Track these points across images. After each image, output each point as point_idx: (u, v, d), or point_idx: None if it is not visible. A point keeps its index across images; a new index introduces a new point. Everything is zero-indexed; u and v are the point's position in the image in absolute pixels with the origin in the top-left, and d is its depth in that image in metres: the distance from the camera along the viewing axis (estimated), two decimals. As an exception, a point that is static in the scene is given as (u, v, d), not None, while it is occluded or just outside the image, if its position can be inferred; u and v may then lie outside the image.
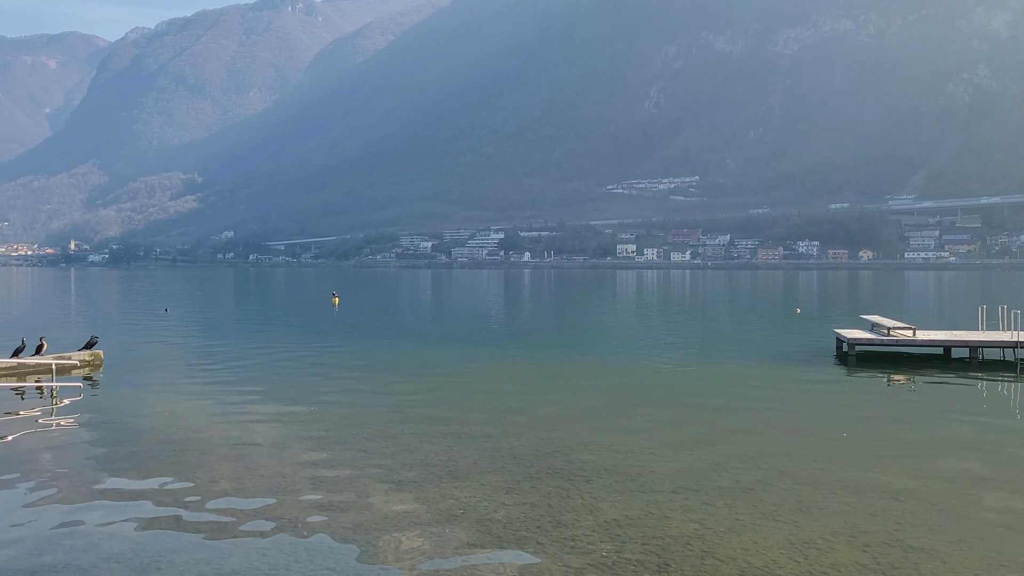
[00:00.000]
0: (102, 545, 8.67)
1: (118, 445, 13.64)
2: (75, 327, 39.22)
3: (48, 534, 9.08)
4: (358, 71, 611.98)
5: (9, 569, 8.01)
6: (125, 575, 7.87)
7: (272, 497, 10.49)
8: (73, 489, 10.93)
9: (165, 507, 10.09)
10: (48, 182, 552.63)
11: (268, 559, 8.33)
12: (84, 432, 14.80)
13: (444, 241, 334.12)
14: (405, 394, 19.37)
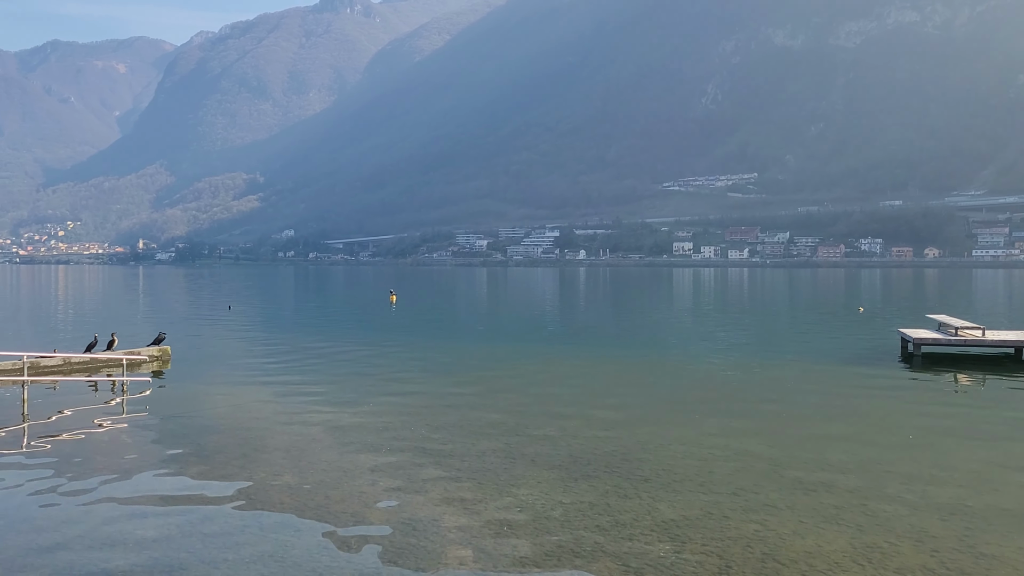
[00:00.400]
0: (172, 534, 8.95)
1: (185, 438, 14.05)
2: (143, 323, 40.47)
3: (120, 522, 9.41)
4: (415, 71, 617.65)
5: (80, 562, 8.32)
6: (194, 567, 8.10)
7: (333, 491, 10.69)
8: (143, 480, 11.30)
9: (230, 500, 10.37)
10: (118, 183, 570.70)
11: (329, 552, 8.50)
12: (153, 425, 15.29)
13: (499, 239, 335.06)
14: (462, 392, 19.52)
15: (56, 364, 20.82)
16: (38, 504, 10.14)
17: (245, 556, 8.37)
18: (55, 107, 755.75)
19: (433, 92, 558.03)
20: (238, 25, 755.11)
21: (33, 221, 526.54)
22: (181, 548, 8.56)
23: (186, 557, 8.29)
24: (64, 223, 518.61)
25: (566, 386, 20.62)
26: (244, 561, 8.24)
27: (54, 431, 14.60)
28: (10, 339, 32.71)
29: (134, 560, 8.23)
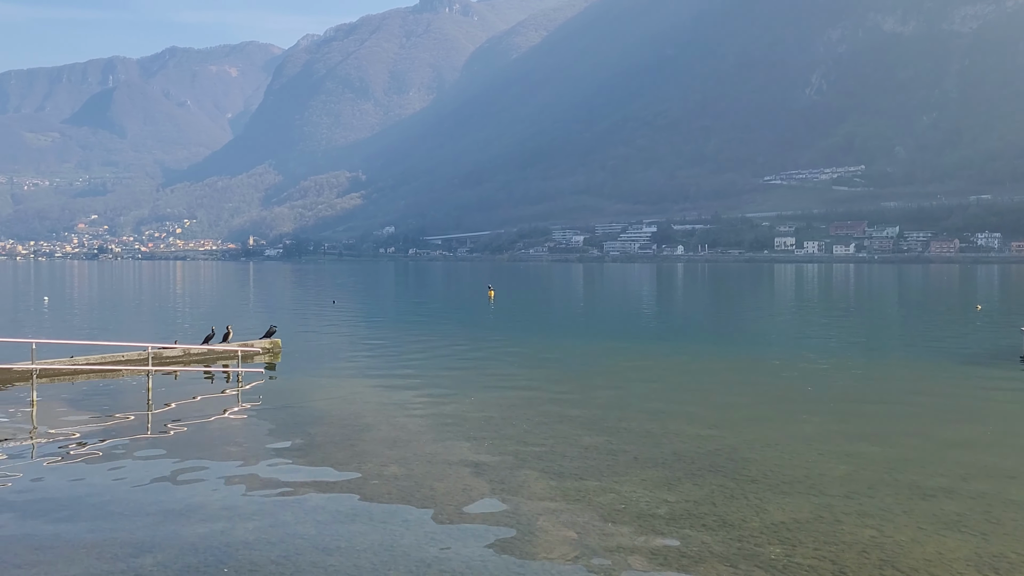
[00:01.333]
0: (287, 522, 9.30)
1: (296, 428, 14.58)
2: (254, 317, 42.20)
3: (238, 507, 9.85)
4: (512, 68, 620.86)
5: (203, 542, 8.74)
6: (309, 552, 8.39)
7: (438, 483, 10.89)
8: (258, 467, 11.79)
9: (341, 489, 10.69)
10: (230, 182, 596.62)
11: (436, 542, 8.65)
12: (266, 415, 15.93)
13: (596, 235, 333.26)
14: (562, 387, 19.54)
15: (176, 355, 21.97)
16: (162, 487, 10.71)
17: (357, 544, 8.61)
18: (173, 111, 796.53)
19: (530, 88, 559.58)
20: (342, 27, 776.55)
21: (153, 219, 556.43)
22: (296, 534, 8.89)
23: (301, 543, 8.60)
24: (181, 221, 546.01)
25: (667, 383, 20.36)
26: (356, 549, 8.48)
27: (175, 418, 15.41)
28: (136, 331, 34.74)
29: (252, 543, 8.59)
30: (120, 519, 9.32)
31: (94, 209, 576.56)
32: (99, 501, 10.02)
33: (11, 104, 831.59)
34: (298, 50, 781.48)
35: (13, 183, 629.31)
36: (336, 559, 8.18)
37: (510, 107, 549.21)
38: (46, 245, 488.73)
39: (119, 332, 33.83)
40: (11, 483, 10.75)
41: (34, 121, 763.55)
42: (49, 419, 14.91)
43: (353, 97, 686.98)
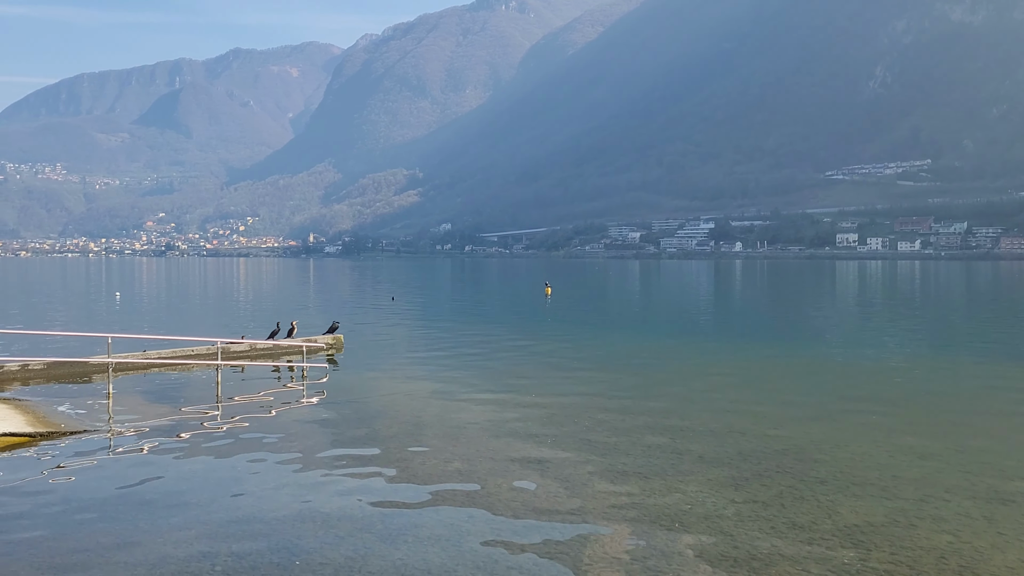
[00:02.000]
0: (354, 516, 9.43)
1: (360, 422, 14.79)
2: (315, 313, 42.94)
3: (306, 499, 10.03)
4: (568, 64, 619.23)
5: (274, 533, 8.93)
6: (373, 544, 8.50)
7: (501, 479, 10.92)
8: (324, 461, 11.99)
9: (405, 482, 10.80)
10: (291, 180, 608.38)
11: (499, 539, 8.68)
12: (330, 409, 16.20)
13: (653, 231, 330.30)
14: (623, 384, 19.43)
15: (243, 350, 22.48)
16: (232, 479, 10.97)
17: (422, 537, 8.70)
18: (236, 111, 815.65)
19: (586, 84, 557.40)
20: (399, 26, 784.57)
21: (218, 217, 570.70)
22: (363, 527, 9.01)
23: (368, 537, 8.71)
24: (244, 219, 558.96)
25: (729, 381, 20.07)
26: (421, 542, 8.57)
27: (243, 412, 15.77)
28: (203, 326, 35.68)
29: (320, 535, 8.74)
30: (193, 510, 9.58)
31: (162, 207, 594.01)
32: (173, 491, 10.32)
33: (83, 106, 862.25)
34: (357, 50, 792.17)
35: (85, 182, 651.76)
36: (403, 553, 8.27)
37: (566, 103, 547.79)
38: (116, 242, 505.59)
39: (187, 327, 34.79)
40: (90, 474, 11.14)
41: (105, 122, 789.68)
42: (125, 411, 15.41)
43: (410, 95, 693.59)
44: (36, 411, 14.26)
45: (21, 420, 13.16)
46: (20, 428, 12.49)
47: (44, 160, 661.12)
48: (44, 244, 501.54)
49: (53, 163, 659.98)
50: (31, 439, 12.24)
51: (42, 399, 16.25)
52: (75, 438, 12.80)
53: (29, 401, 15.65)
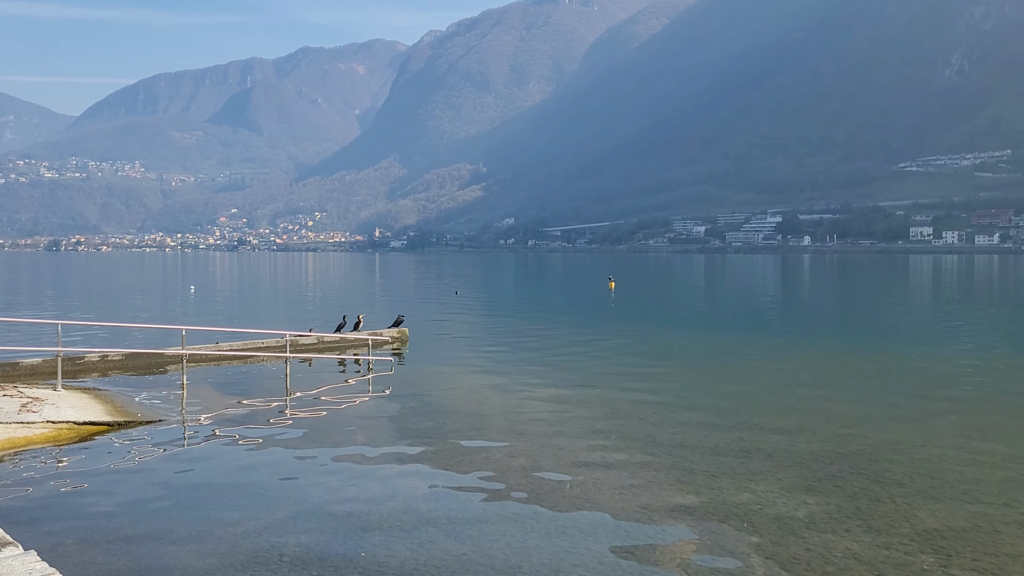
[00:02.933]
0: (419, 510, 9.45)
1: (425, 416, 14.87)
2: (380, 306, 43.48)
3: (370, 493, 10.10)
4: (632, 57, 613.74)
5: (340, 526, 9.01)
6: (438, 538, 8.50)
7: (566, 477, 10.82)
8: (390, 454, 12.08)
9: (470, 478, 10.79)
10: (358, 176, 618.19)
11: (566, 538, 8.59)
12: (395, 402, 16.34)
13: (718, 225, 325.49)
14: (688, 381, 19.13)
15: (311, 342, 22.88)
16: (300, 471, 11.14)
17: (487, 533, 8.67)
18: (305, 108, 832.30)
19: (650, 77, 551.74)
20: (463, 22, 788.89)
21: (287, 212, 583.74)
22: (427, 521, 9.03)
23: (432, 531, 8.72)
24: (312, 214, 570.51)
25: (798, 378, 19.56)
26: (486, 537, 8.54)
27: (311, 404, 16.04)
28: (273, 319, 36.49)
29: (385, 529, 8.80)
30: (262, 500, 9.75)
31: (234, 203, 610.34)
32: (242, 481, 10.52)
33: (160, 105, 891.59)
34: (422, 46, 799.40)
35: (162, 179, 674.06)
36: (468, 548, 8.25)
37: (630, 96, 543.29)
38: (191, 237, 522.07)
39: (257, 320, 35.63)
40: (163, 462, 11.45)
41: (180, 121, 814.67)
42: (197, 401, 15.83)
43: (474, 91, 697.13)
44: (114, 400, 14.74)
45: (100, 409, 13.62)
46: (99, 417, 12.92)
47: (124, 158, 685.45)
48: (124, 239, 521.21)
49: (132, 161, 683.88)
50: (109, 427, 12.65)
51: (120, 389, 16.80)
52: (150, 427, 13.19)
53: (108, 391, 16.19)
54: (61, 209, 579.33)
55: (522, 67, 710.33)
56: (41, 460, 11.18)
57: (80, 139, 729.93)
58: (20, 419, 11.97)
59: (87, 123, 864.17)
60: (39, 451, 11.54)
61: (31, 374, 17.70)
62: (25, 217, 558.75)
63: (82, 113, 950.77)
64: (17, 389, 14.19)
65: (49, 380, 16.35)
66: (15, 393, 13.68)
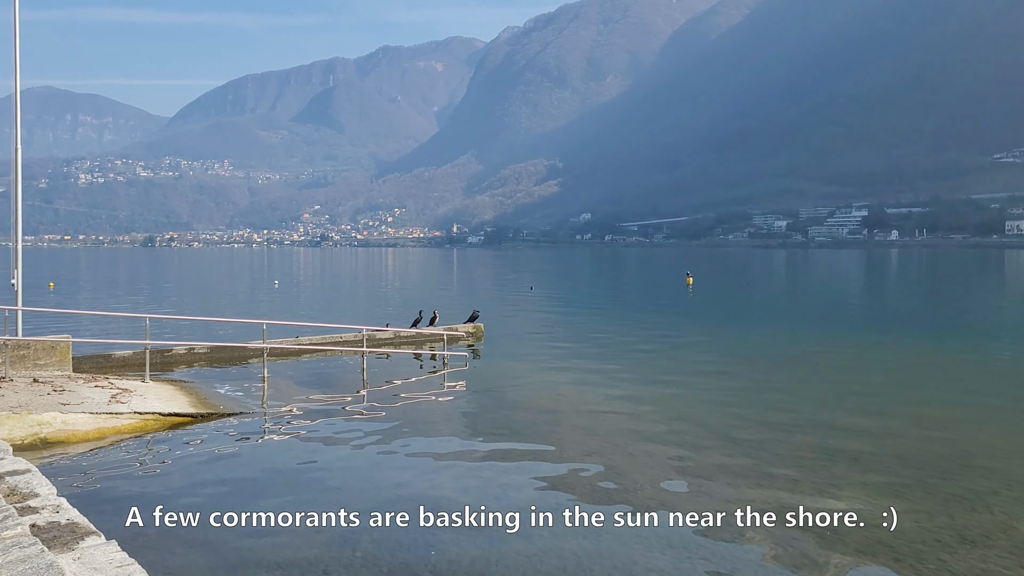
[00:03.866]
0: (493, 508, 9.36)
1: (500, 413, 14.84)
2: (457, 301, 43.78)
3: (441, 490, 10.10)
4: (711, 48, 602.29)
5: (409, 518, 8.97)
6: (509, 538, 8.39)
7: (642, 476, 10.62)
8: (462, 451, 12.05)
9: (543, 477, 10.68)
10: (435, 172, 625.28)
11: (641, 541, 8.41)
12: (471, 398, 16.37)
13: (800, 219, 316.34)
14: (768, 380, 18.61)
15: (388, 337, 23.16)
16: (376, 465, 11.23)
17: (559, 533, 8.50)
18: (385, 106, 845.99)
19: (730, 69, 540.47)
20: (541, 18, 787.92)
21: (367, 209, 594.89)
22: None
23: (503, 531, 8.62)
24: (392, 210, 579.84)
25: (884, 379, 18.78)
26: (558, 538, 8.40)
27: (388, 398, 16.19)
28: (352, 313, 37.16)
29: (460, 528, 8.72)
30: (336, 493, 9.86)
31: (317, 200, 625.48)
32: (319, 474, 10.68)
33: (247, 106, 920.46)
34: (499, 42, 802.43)
35: (250, 177, 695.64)
36: (539, 548, 8.16)
37: (709, 89, 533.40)
38: (277, 233, 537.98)
39: (337, 314, 36.33)
40: (243, 454, 11.72)
41: (266, 120, 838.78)
42: (278, 394, 16.17)
43: (551, 86, 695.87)
44: (198, 392, 15.18)
45: (185, 401, 14.04)
46: (184, 408, 13.32)
47: (213, 157, 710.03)
48: (213, 235, 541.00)
49: (221, 160, 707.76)
50: (193, 419, 13.04)
51: (204, 381, 17.32)
52: (232, 419, 13.53)
53: (193, 383, 16.71)
54: (155, 207, 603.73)
55: (599, 61, 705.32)
56: (127, 450, 11.59)
57: (173, 139, 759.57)
58: (109, 410, 12.43)
59: (179, 124, 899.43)
60: (126, 441, 11.97)
61: (122, 366, 18.42)
62: (123, 214, 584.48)
63: (175, 114, 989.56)
64: (108, 380, 14.77)
65: (138, 372, 16.98)
66: (106, 384, 14.24)
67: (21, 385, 13.41)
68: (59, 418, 11.72)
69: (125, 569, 5.13)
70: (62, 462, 10.73)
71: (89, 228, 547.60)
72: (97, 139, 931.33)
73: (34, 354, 15.52)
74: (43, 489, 7.32)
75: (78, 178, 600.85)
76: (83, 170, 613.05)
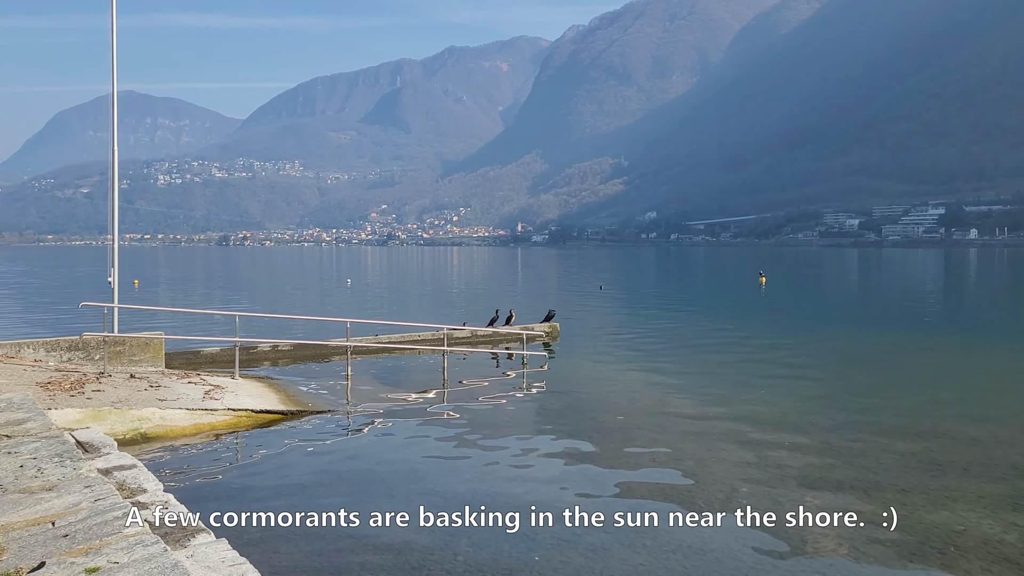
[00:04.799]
0: (589, 510, 9.12)
1: (583, 414, 14.61)
2: (529, 301, 43.68)
3: (536, 494, 9.92)
4: (780, 44, 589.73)
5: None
6: (612, 546, 8.19)
7: (737, 483, 10.27)
8: (552, 454, 11.86)
9: (638, 481, 10.43)
10: (500, 171, 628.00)
11: (744, 550, 8.11)
12: (551, 399, 16.17)
13: (873, 218, 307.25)
14: (859, 384, 17.97)
15: (465, 336, 23.17)
16: (468, 467, 11.13)
17: (661, 543, 8.27)
18: (451, 106, 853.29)
19: (800, 65, 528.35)
20: (606, 16, 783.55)
21: (433, 208, 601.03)
22: (601, 527, 8.68)
23: (605, 537, 8.40)
24: (457, 209, 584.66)
25: (986, 383, 17.92)
26: (661, 548, 8.14)
27: (469, 398, 16.12)
28: (427, 312, 37.42)
29: (556, 531, 8.54)
30: (431, 497, 9.75)
31: (384, 200, 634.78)
32: (411, 474, 10.63)
33: (317, 107, 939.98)
34: (564, 41, 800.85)
35: (319, 177, 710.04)
36: (643, 558, 7.89)
37: (778, 85, 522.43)
38: (345, 232, 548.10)
39: (409, 312, 36.63)
40: (333, 453, 11.76)
41: (335, 121, 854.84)
42: (361, 393, 16.25)
43: (616, 84, 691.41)
44: (286, 390, 15.39)
45: (274, 398, 14.24)
46: (274, 406, 13.50)
47: (284, 158, 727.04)
48: (284, 234, 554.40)
49: (292, 160, 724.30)
50: (283, 416, 13.19)
51: (289, 378, 17.56)
52: (321, 417, 13.65)
53: (279, 380, 16.96)
54: (230, 206, 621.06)
55: (665, 59, 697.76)
56: (224, 446, 11.77)
57: (246, 140, 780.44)
58: (204, 406, 12.66)
59: (252, 125, 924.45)
60: (222, 437, 12.16)
61: (210, 362, 18.84)
62: (199, 214, 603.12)
63: (248, 116, 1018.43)
64: (200, 377, 15.07)
65: (226, 368, 17.32)
66: (198, 381, 14.52)
67: (119, 380, 13.77)
68: (157, 414, 11.97)
69: (238, 568, 5.09)
70: (163, 457, 10.95)
71: (167, 227, 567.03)
72: (175, 141, 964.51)
73: (129, 350, 15.95)
74: (150, 485, 7.39)
75: (157, 179, 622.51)
76: (162, 171, 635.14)
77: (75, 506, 5.97)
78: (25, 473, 7.25)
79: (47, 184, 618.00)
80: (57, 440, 8.37)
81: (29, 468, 7.43)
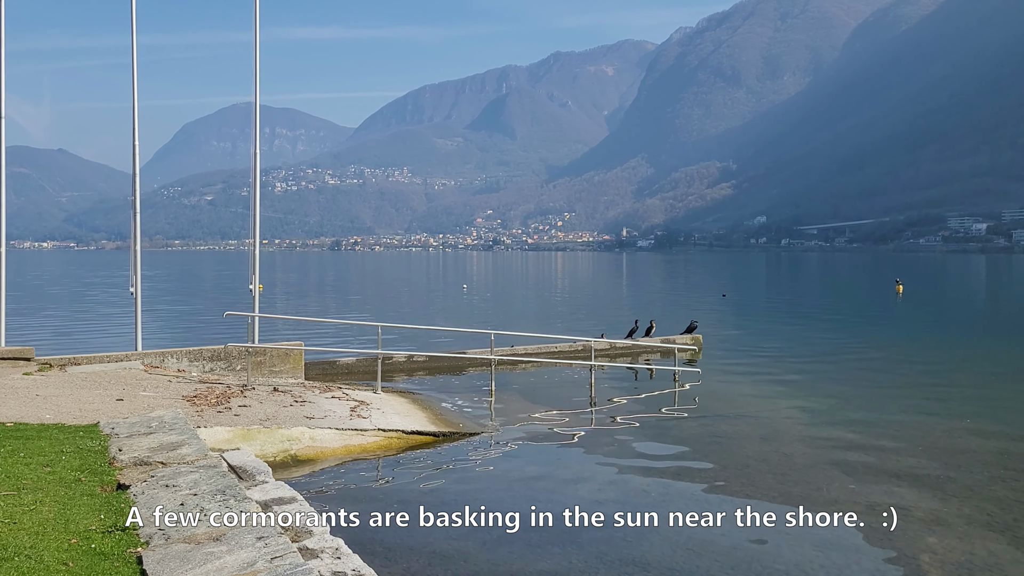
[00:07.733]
0: (741, 544, 7.81)
1: (745, 439, 13.07)
2: (633, 307, 42.04)
3: (693, 522, 8.60)
4: (900, 41, 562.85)
5: (667, 543, 7.64)
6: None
7: (884, 521, 8.80)
8: (702, 482, 10.48)
9: (798, 512, 8.94)
10: (605, 176, 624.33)
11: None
12: (701, 419, 14.80)
13: (1003, 222, 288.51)
14: (1007, 406, 16.01)
15: (603, 348, 21.91)
16: (639, 492, 9.91)
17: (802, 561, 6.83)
18: (556, 111, 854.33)
19: (921, 62, 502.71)
20: (714, 17, 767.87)
21: (537, 213, 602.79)
22: (750, 558, 7.34)
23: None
24: (561, 214, 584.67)
25: None
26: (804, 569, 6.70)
27: (625, 417, 14.92)
28: (549, 320, 36.30)
29: (707, 559, 7.28)
30: (609, 530, 8.57)
31: (489, 205, 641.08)
32: (578, 509, 9.44)
33: (425, 115, 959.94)
34: (670, 44, 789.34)
35: (427, 183, 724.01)
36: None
37: (897, 84, 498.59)
38: (451, 238, 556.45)
39: (532, 321, 35.62)
40: (494, 483, 10.63)
41: (442, 128, 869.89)
42: (507, 409, 15.25)
43: (724, 86, 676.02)
44: (432, 408, 14.54)
45: (423, 417, 13.38)
46: (424, 427, 12.62)
47: (394, 165, 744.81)
48: (393, 239, 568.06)
49: (401, 167, 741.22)
50: (435, 438, 12.28)
51: (430, 393, 16.72)
52: (474, 440, 12.62)
53: (422, 395, 16.16)
54: (341, 212, 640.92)
55: (776, 59, 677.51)
56: (379, 473, 10.81)
57: (357, 148, 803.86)
58: (353, 425, 11.89)
59: (364, 134, 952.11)
60: (374, 461, 11.27)
61: (347, 373, 18.27)
62: (312, 220, 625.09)
63: (359, 125, 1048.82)
64: (342, 391, 14.40)
65: (362, 380, 16.68)
66: (341, 395, 13.83)
67: (263, 394, 13.19)
68: (307, 433, 11.23)
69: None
70: (317, 485, 10.05)
71: (283, 232, 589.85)
72: (291, 150, 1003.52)
73: (269, 360, 15.48)
74: (316, 528, 6.51)
75: (275, 186, 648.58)
76: (279, 179, 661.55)
77: (250, 567, 5.29)
78: (187, 514, 6.44)
79: (174, 192, 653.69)
80: (215, 471, 7.63)
81: (190, 507, 6.63)
